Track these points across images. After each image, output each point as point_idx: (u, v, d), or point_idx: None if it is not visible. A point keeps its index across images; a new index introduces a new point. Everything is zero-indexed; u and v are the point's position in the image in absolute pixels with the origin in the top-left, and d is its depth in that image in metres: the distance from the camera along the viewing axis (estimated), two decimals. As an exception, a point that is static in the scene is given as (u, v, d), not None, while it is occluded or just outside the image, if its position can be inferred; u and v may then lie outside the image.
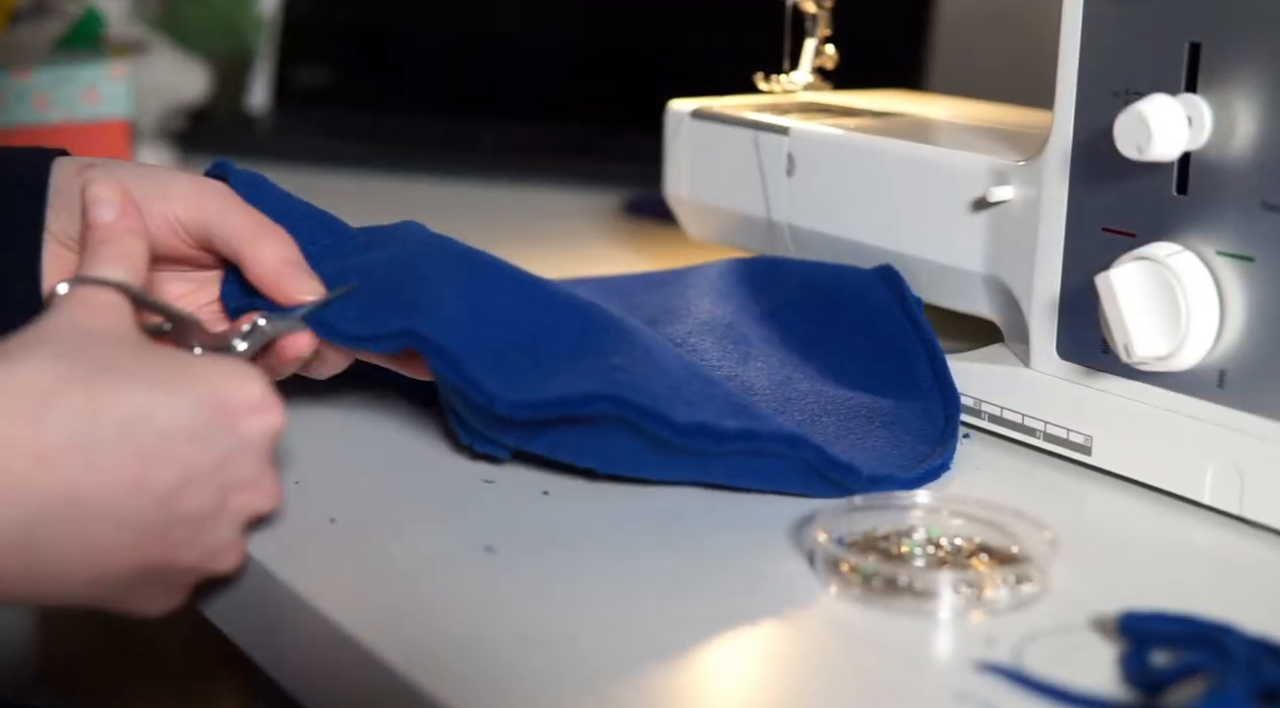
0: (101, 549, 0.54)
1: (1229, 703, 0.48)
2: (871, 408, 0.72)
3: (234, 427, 0.56)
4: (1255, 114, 0.60)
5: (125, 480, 0.54)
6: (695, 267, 0.86)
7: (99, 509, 0.53)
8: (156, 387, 0.55)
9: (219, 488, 0.56)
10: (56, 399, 0.53)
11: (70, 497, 0.53)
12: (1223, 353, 0.63)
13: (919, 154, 0.77)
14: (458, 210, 1.26)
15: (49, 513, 0.52)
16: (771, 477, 0.65)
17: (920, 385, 0.74)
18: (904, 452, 0.69)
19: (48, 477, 0.52)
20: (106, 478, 0.53)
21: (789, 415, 0.70)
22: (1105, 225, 0.66)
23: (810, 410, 0.72)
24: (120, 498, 0.54)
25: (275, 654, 0.60)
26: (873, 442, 0.69)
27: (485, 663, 0.52)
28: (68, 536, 0.53)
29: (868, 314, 0.77)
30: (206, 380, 0.56)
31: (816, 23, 0.90)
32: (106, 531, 0.54)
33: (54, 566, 0.54)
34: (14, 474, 0.52)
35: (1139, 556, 0.62)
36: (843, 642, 0.54)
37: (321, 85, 1.55)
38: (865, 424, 0.71)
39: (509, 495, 0.66)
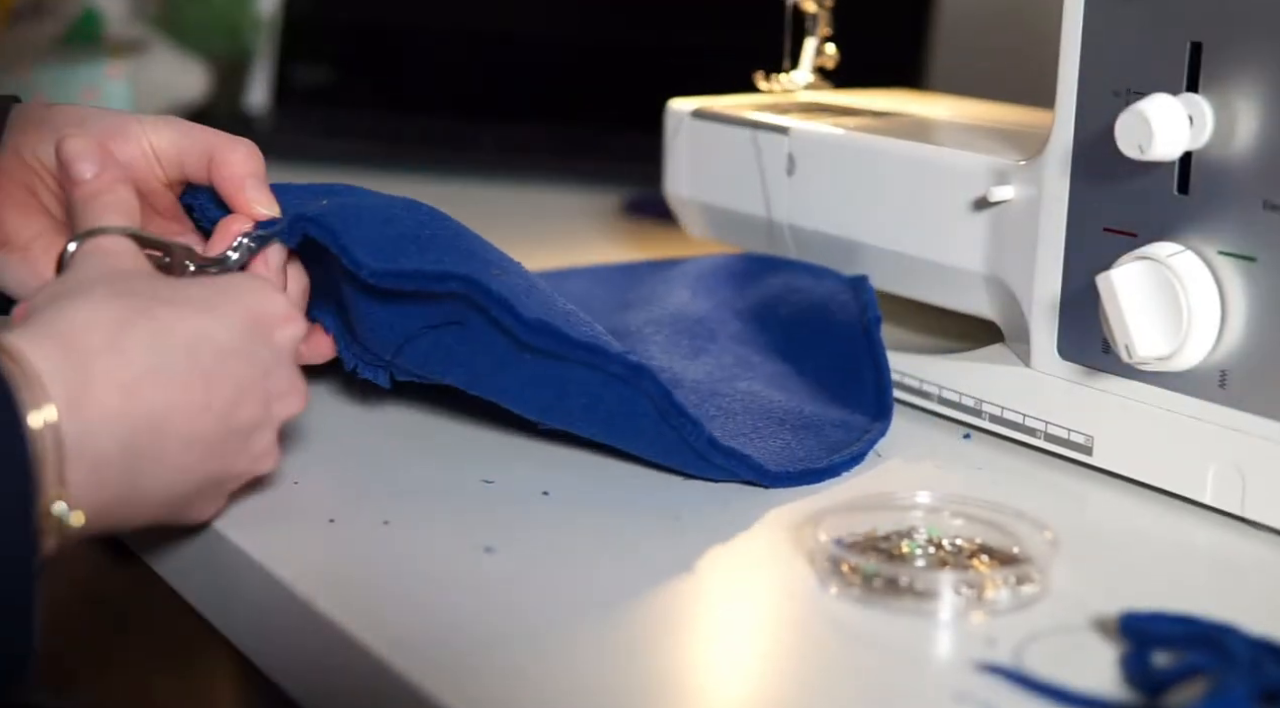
0: (178, 468, 0.57)
1: (1230, 704, 0.48)
2: (789, 412, 0.73)
3: (270, 339, 0.60)
4: (1256, 113, 0.60)
5: (195, 401, 0.57)
6: (694, 258, 0.88)
7: (176, 431, 0.56)
8: (203, 310, 0.58)
9: (264, 397, 0.59)
10: (129, 331, 0.55)
11: (153, 422, 0.55)
12: (1224, 353, 0.63)
13: (919, 154, 0.77)
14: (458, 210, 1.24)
15: (138, 439, 0.55)
16: (625, 426, 0.66)
17: (858, 401, 0.75)
18: (793, 454, 0.69)
19: (135, 405, 0.55)
20: (181, 400, 0.56)
21: (703, 408, 0.71)
22: (1106, 225, 0.66)
23: (727, 408, 0.72)
24: (192, 418, 0.57)
25: (274, 654, 0.60)
26: (769, 442, 0.70)
27: (485, 663, 0.52)
28: (154, 459, 0.56)
29: (829, 323, 0.78)
30: (241, 300, 0.60)
31: (817, 22, 0.90)
32: (181, 450, 0.57)
33: (142, 489, 0.56)
34: (107, 406, 0.54)
35: (1140, 556, 0.62)
36: (843, 642, 0.54)
37: (321, 85, 1.55)
38: (775, 427, 0.72)
39: (509, 495, 0.66)
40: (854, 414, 0.74)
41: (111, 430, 0.54)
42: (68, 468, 0.53)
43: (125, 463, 0.55)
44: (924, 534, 0.61)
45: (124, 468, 0.55)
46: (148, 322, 0.56)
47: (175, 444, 0.56)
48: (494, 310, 0.64)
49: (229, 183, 0.68)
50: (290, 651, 0.59)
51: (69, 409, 0.53)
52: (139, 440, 0.55)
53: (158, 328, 0.56)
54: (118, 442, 0.54)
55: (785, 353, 0.79)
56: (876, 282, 0.81)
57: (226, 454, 0.59)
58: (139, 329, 0.56)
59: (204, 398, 0.57)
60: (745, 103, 0.90)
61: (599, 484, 0.67)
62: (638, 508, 0.65)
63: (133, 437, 0.55)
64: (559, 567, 0.59)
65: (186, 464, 0.57)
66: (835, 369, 0.77)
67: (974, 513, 0.62)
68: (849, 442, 0.71)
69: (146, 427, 0.55)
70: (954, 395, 0.75)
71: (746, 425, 0.71)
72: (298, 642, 0.57)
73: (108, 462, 0.54)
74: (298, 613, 0.57)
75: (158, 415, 0.55)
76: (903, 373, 0.77)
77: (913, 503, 0.63)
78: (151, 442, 0.55)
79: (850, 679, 0.52)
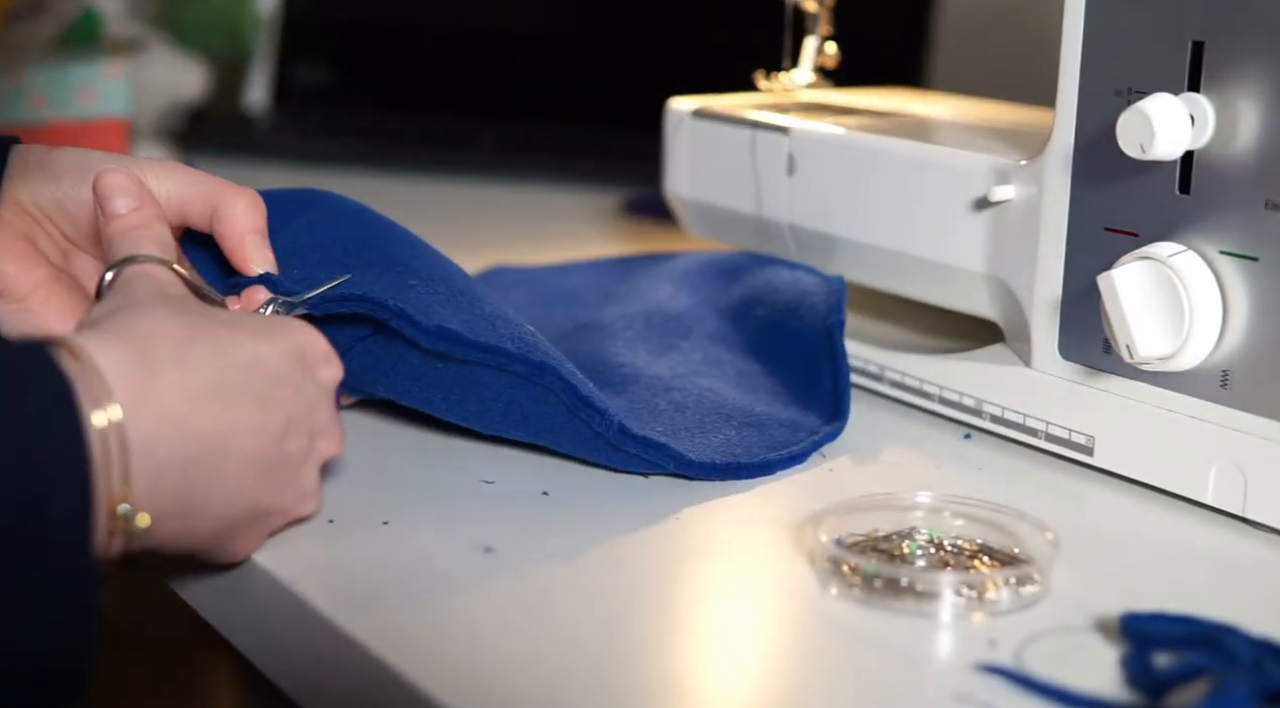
0: (234, 487, 0.56)
1: (1231, 704, 0.47)
2: (739, 409, 0.73)
3: (315, 375, 0.60)
4: (1258, 113, 0.60)
5: (251, 422, 0.56)
6: (689, 253, 0.89)
7: (234, 449, 0.56)
8: (257, 336, 0.58)
9: (309, 432, 0.59)
10: (193, 345, 0.55)
11: (214, 437, 0.55)
12: (1226, 353, 0.62)
13: (920, 153, 0.77)
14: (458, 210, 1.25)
15: (200, 452, 0.54)
16: (541, 423, 0.67)
17: (814, 403, 0.75)
18: (730, 449, 0.69)
19: (199, 417, 0.54)
20: (240, 419, 0.56)
21: (655, 402, 0.72)
22: (1107, 225, 0.66)
23: (680, 402, 0.73)
24: (249, 438, 0.56)
25: (273, 654, 0.60)
26: (710, 436, 0.70)
27: (484, 663, 0.52)
28: (212, 474, 0.55)
29: (799, 325, 0.78)
30: (290, 333, 0.60)
31: (817, 21, 0.90)
32: (237, 471, 0.56)
33: (196, 507, 0.55)
34: (171, 414, 0.54)
35: (1141, 556, 0.62)
36: (843, 642, 0.54)
37: (320, 84, 1.55)
38: (721, 422, 0.72)
39: (509, 495, 0.66)
40: (808, 416, 0.74)
41: (173, 440, 0.54)
42: (132, 469, 0.52)
43: (185, 474, 0.54)
44: (925, 535, 0.61)
45: (183, 480, 0.54)
46: (209, 340, 0.56)
47: (233, 463, 0.56)
48: (393, 323, 0.65)
49: (231, 238, 0.67)
50: (290, 651, 0.58)
51: (133, 411, 0.52)
52: (199, 454, 0.54)
53: (219, 348, 0.56)
54: (178, 453, 0.54)
55: (755, 352, 0.80)
56: (877, 281, 0.81)
57: (275, 483, 0.58)
58: (201, 345, 0.55)
59: (260, 419, 0.56)
60: (745, 102, 0.90)
61: (599, 484, 0.67)
62: (638, 508, 0.65)
63: (193, 449, 0.54)
64: (559, 567, 0.59)
65: (241, 485, 0.56)
66: (798, 370, 0.77)
67: (975, 513, 0.62)
68: (792, 441, 0.71)
69: (208, 441, 0.55)
70: (954, 395, 0.75)
71: (693, 420, 0.71)
72: (297, 642, 0.57)
73: (168, 470, 0.53)
74: (297, 613, 0.57)
75: (219, 431, 0.55)
76: (903, 373, 0.77)
77: (913, 503, 0.63)
78: (211, 457, 0.55)
79: (850, 680, 0.52)
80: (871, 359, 0.79)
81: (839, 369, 0.75)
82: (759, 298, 0.81)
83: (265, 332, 0.59)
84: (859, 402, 0.79)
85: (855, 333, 0.82)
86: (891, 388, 0.78)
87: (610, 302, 0.86)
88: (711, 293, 0.84)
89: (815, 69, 0.92)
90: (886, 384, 0.78)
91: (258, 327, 0.59)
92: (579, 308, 0.87)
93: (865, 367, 0.79)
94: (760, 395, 0.75)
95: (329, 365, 0.61)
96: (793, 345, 0.78)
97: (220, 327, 0.57)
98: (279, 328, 0.59)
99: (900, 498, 0.63)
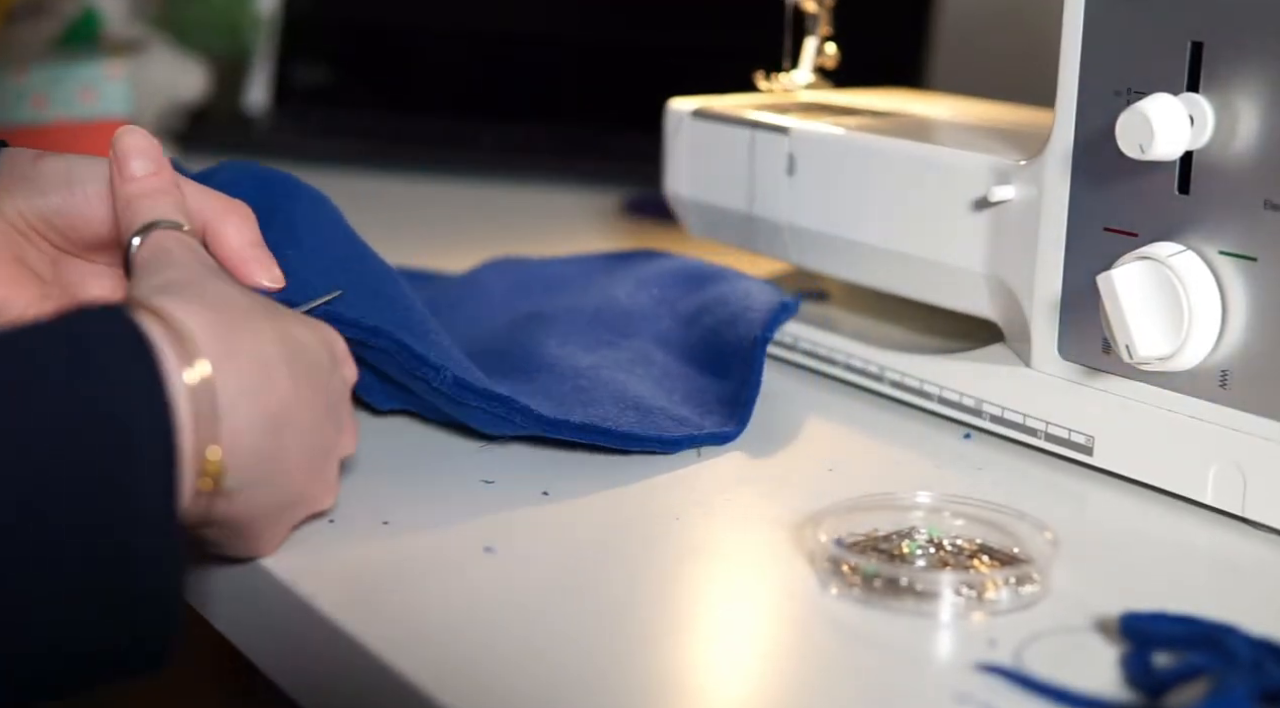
0: (290, 466, 0.56)
1: (1231, 704, 0.48)
2: (638, 398, 0.74)
3: (340, 370, 0.60)
4: (1257, 113, 0.60)
5: (306, 401, 0.56)
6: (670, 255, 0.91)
7: (294, 425, 0.56)
8: (301, 324, 0.58)
9: (338, 423, 0.59)
10: (261, 319, 0.55)
11: (280, 409, 0.55)
12: (1225, 353, 0.62)
13: (920, 153, 0.77)
14: (458, 210, 1.26)
15: (269, 423, 0.54)
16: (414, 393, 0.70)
17: (714, 410, 0.75)
18: (593, 415, 0.70)
19: (270, 388, 0.54)
20: (300, 396, 0.56)
21: (559, 387, 0.74)
22: (1107, 225, 0.66)
23: (585, 387, 0.74)
24: (305, 417, 0.56)
25: (274, 654, 0.60)
26: (588, 409, 0.71)
27: (485, 663, 0.52)
28: (277, 448, 0.55)
29: (732, 336, 0.79)
30: (322, 327, 0.60)
31: (817, 21, 0.90)
32: (295, 448, 0.56)
33: (264, 477, 0.55)
34: (249, 384, 0.53)
35: (1140, 556, 0.62)
36: (843, 642, 0.54)
37: (320, 85, 1.55)
38: (610, 403, 0.73)
39: (509, 495, 0.66)
40: (704, 418, 0.74)
41: (250, 406, 0.53)
42: (220, 427, 0.52)
43: (257, 443, 0.54)
44: (924, 535, 0.61)
45: (255, 449, 0.54)
46: (270, 315, 0.56)
47: (291, 441, 0.55)
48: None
49: (231, 257, 0.66)
50: (290, 650, 0.59)
51: (219, 370, 0.52)
52: (269, 425, 0.54)
53: (279, 325, 0.56)
54: (252, 421, 0.53)
55: (690, 358, 0.80)
56: (877, 282, 0.81)
57: (314, 469, 0.58)
58: (266, 320, 0.55)
59: (312, 400, 0.56)
60: (745, 103, 0.90)
61: (599, 484, 0.67)
62: (638, 508, 0.65)
63: (265, 419, 0.54)
64: (559, 567, 0.59)
65: (294, 466, 0.56)
66: (717, 380, 0.78)
67: (974, 513, 0.62)
68: (668, 430, 0.71)
69: (275, 413, 0.54)
70: (954, 395, 0.75)
71: (587, 398, 0.72)
72: (297, 641, 0.57)
73: (244, 435, 0.53)
74: (298, 612, 0.57)
75: (285, 405, 0.55)
76: (903, 373, 0.77)
77: (913, 503, 0.63)
78: (277, 431, 0.55)
79: (850, 680, 0.52)
80: (871, 359, 0.79)
81: (749, 382, 0.75)
82: (710, 307, 0.82)
83: (306, 320, 0.59)
84: (859, 401, 0.79)
85: (855, 333, 0.82)
86: (891, 388, 0.78)
87: (569, 293, 0.87)
88: (674, 296, 0.85)
89: (815, 69, 0.92)
90: (886, 384, 0.78)
91: (298, 315, 0.59)
92: (543, 297, 0.88)
93: (865, 367, 0.79)
94: (673, 397, 0.76)
95: (348, 365, 0.61)
96: (720, 356, 0.78)
97: (272, 306, 0.57)
98: (311, 321, 0.60)
99: (900, 498, 0.63)
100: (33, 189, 0.65)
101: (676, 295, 0.85)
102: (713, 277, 0.86)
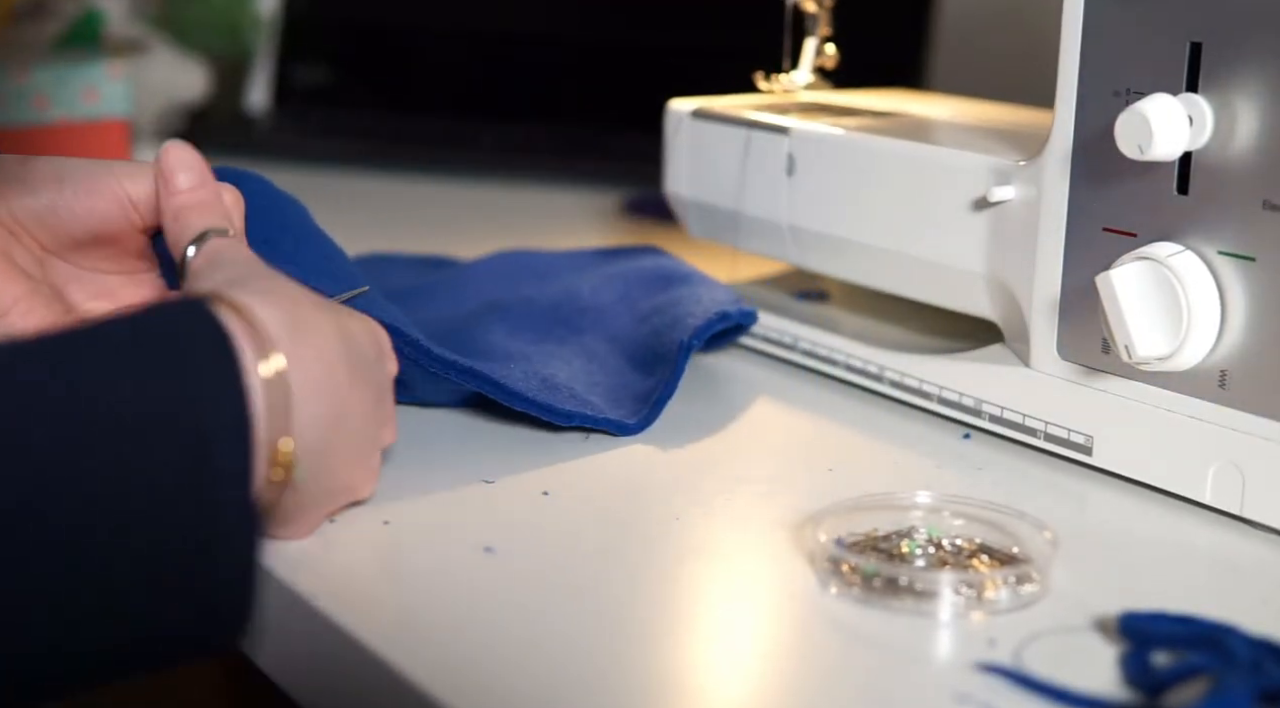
0: (345, 456, 0.58)
1: (1230, 704, 0.48)
2: (555, 379, 0.75)
3: (382, 363, 0.62)
4: (1256, 114, 0.60)
5: (359, 395, 0.58)
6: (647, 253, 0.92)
7: (350, 417, 0.58)
8: (353, 318, 0.60)
9: (383, 415, 0.61)
10: (318, 313, 0.57)
11: (340, 403, 0.57)
12: (1224, 353, 0.63)
13: (919, 154, 0.77)
14: (458, 210, 1.26)
15: (330, 416, 0.56)
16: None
17: (629, 403, 0.75)
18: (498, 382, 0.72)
19: (331, 381, 0.56)
20: (356, 391, 0.58)
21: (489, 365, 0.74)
22: (1106, 225, 0.66)
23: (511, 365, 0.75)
24: (359, 409, 0.58)
25: (273, 652, 0.60)
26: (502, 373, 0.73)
27: (485, 663, 0.52)
28: (336, 439, 0.57)
29: (669, 338, 0.79)
30: (368, 321, 0.62)
31: (817, 22, 0.90)
32: (350, 439, 0.58)
33: (324, 467, 0.57)
34: (315, 377, 0.55)
35: (1140, 556, 0.62)
36: (843, 642, 0.54)
37: (321, 85, 1.55)
38: (529, 378, 0.74)
39: (509, 495, 0.66)
40: (612, 408, 0.74)
41: (316, 397, 0.55)
42: (292, 418, 0.54)
43: (321, 434, 0.56)
44: (924, 534, 0.61)
45: (319, 440, 0.56)
46: (328, 312, 0.58)
47: (348, 431, 0.58)
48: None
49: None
50: (290, 649, 0.59)
51: (291, 363, 0.54)
52: (330, 417, 0.56)
53: (337, 321, 0.58)
54: (316, 413, 0.55)
55: (630, 356, 0.81)
56: (876, 282, 0.81)
57: (361, 460, 0.60)
58: (325, 316, 0.57)
59: (363, 394, 0.58)
60: (745, 103, 0.90)
61: (599, 484, 0.67)
62: (638, 508, 0.65)
63: (327, 412, 0.56)
64: (559, 567, 0.60)
65: (348, 456, 0.59)
66: (645, 377, 0.78)
67: (974, 513, 0.62)
68: (561, 402, 0.72)
69: (336, 406, 0.56)
70: (954, 395, 0.75)
71: (506, 372, 0.74)
72: (297, 640, 0.58)
73: (310, 428, 0.55)
74: (298, 611, 0.57)
75: (343, 399, 0.57)
76: (902, 373, 0.77)
77: (912, 503, 0.63)
78: (337, 422, 0.57)
79: (850, 679, 0.52)
80: (871, 359, 0.79)
81: (666, 383, 0.76)
82: (662, 308, 0.83)
83: (355, 314, 0.61)
84: (859, 401, 0.79)
85: (855, 333, 0.82)
86: (891, 388, 0.78)
87: (533, 285, 0.89)
88: (637, 295, 0.86)
89: (815, 70, 0.92)
90: (886, 384, 0.78)
91: (345, 310, 0.61)
92: (511, 286, 0.90)
93: (865, 367, 0.79)
94: (594, 389, 0.76)
95: (391, 359, 0.63)
96: (654, 357, 0.79)
97: (323, 300, 0.59)
98: (359, 315, 0.62)
99: (899, 498, 0.63)
100: (23, 189, 0.67)
101: (640, 295, 0.86)
102: (683, 279, 0.86)
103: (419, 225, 1.07)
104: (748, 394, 0.81)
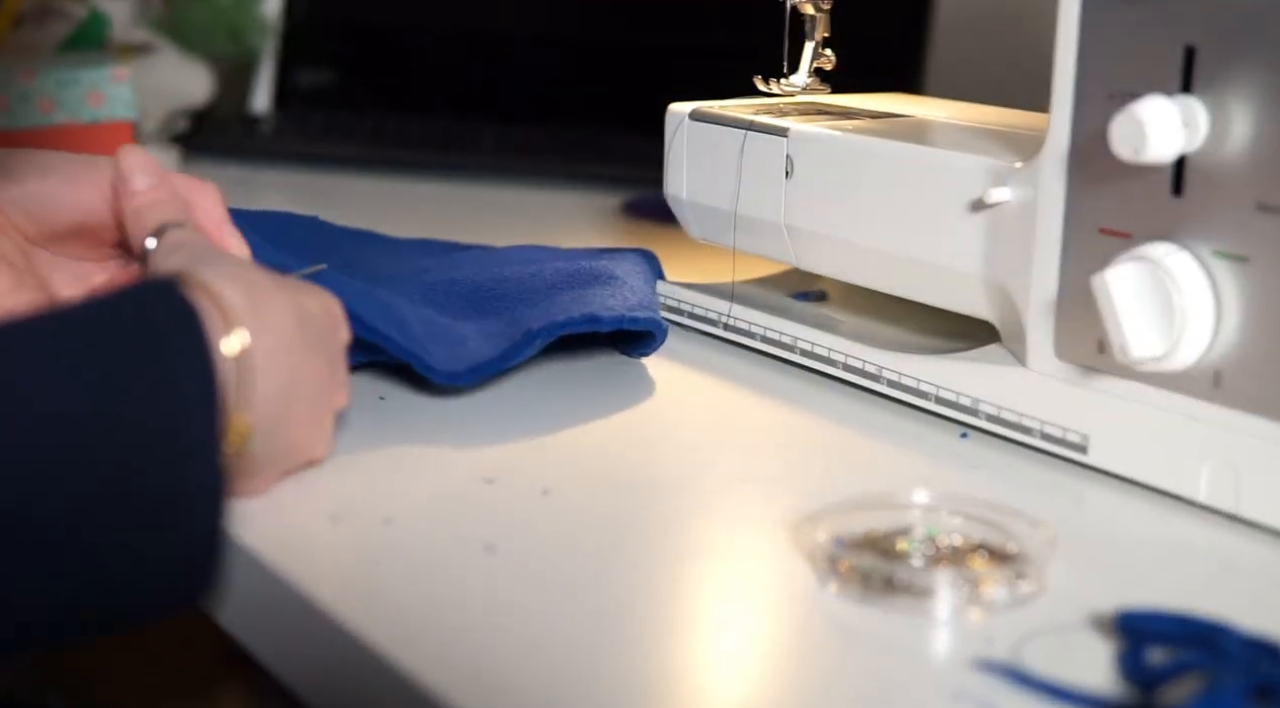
0: (297, 422, 0.62)
1: (1224, 701, 0.48)
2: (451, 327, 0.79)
3: (336, 332, 0.65)
4: (1250, 116, 0.61)
5: (311, 365, 0.62)
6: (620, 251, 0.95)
7: (303, 385, 0.62)
8: (304, 293, 0.64)
9: (336, 381, 0.65)
10: (278, 292, 0.61)
11: (296, 373, 0.61)
12: (1218, 353, 0.63)
13: (917, 155, 0.77)
14: (458, 210, 1.26)
15: (284, 386, 0.60)
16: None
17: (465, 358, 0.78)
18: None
19: (286, 354, 0.60)
20: (307, 361, 0.62)
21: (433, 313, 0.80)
22: (1102, 226, 0.67)
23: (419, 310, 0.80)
24: (311, 378, 0.62)
25: (277, 651, 0.60)
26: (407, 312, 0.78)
27: (485, 662, 0.53)
28: (288, 409, 0.61)
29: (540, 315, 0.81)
30: (321, 294, 0.65)
31: (815, 24, 0.90)
32: (302, 407, 0.62)
33: (277, 432, 0.61)
34: (273, 350, 0.59)
35: (1136, 554, 0.62)
36: (841, 640, 0.55)
37: (323, 87, 1.55)
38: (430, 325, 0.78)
39: (509, 495, 0.66)
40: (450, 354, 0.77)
41: (274, 370, 0.59)
42: (251, 391, 0.58)
43: (274, 405, 0.59)
44: (922, 533, 0.61)
45: (273, 410, 0.60)
46: (282, 289, 0.61)
47: (300, 401, 0.61)
48: None
49: (209, 227, 0.71)
50: (292, 647, 0.59)
51: (253, 339, 0.58)
52: (284, 388, 0.60)
53: (290, 297, 0.61)
54: (273, 384, 0.59)
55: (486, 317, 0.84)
56: (874, 283, 0.81)
57: (313, 424, 0.64)
58: (280, 293, 0.61)
59: (316, 364, 0.62)
60: (744, 105, 0.91)
61: (599, 484, 0.68)
62: (638, 508, 0.66)
63: (281, 383, 0.59)
64: (559, 566, 0.60)
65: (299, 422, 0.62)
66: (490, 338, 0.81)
67: (971, 512, 0.62)
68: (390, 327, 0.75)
69: (288, 377, 0.60)
70: (951, 395, 0.75)
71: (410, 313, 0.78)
72: (300, 638, 0.58)
73: (267, 400, 0.59)
74: (300, 610, 0.57)
75: (296, 370, 0.60)
76: (900, 373, 0.78)
77: (910, 502, 0.63)
78: (290, 392, 0.60)
79: (849, 678, 0.52)
80: (869, 359, 0.79)
81: (502, 354, 0.77)
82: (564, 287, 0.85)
83: (307, 289, 0.64)
84: (857, 401, 0.79)
85: (854, 333, 0.82)
86: (889, 388, 0.78)
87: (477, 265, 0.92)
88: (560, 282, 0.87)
89: (813, 72, 0.92)
90: (884, 384, 0.79)
91: (301, 285, 0.64)
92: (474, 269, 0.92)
93: (863, 367, 0.80)
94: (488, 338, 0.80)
95: (343, 327, 0.66)
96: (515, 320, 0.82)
97: (279, 277, 0.63)
98: (313, 289, 0.65)
99: (897, 497, 0.64)
100: (7, 179, 0.69)
101: (562, 284, 0.87)
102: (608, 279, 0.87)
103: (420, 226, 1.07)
104: (747, 394, 0.81)
